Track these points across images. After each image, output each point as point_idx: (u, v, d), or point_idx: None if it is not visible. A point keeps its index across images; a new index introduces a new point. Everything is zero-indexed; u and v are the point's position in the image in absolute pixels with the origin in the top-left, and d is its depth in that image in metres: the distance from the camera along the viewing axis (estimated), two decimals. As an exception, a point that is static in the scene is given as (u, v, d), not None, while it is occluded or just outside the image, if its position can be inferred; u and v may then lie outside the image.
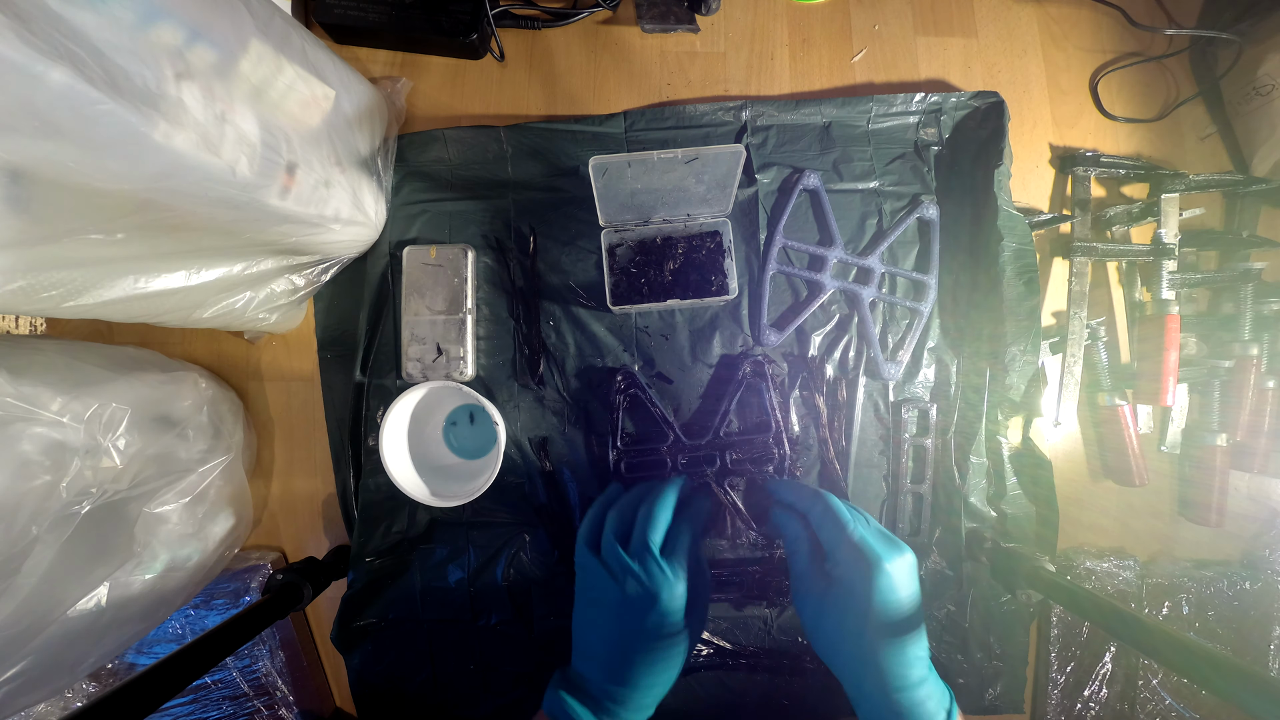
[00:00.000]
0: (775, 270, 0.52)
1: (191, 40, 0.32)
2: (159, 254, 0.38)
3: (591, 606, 0.39)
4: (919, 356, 0.52)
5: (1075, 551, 0.53)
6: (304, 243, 0.43)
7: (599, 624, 0.38)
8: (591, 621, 0.39)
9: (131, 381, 0.43)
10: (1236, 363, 0.52)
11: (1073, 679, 0.52)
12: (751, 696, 0.50)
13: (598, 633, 0.38)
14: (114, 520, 0.40)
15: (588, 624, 0.39)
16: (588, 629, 0.39)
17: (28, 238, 0.30)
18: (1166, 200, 0.53)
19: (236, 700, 0.50)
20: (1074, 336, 0.52)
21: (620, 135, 0.54)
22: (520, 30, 0.57)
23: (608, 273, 0.50)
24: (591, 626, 0.38)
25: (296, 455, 0.54)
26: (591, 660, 0.38)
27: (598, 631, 0.38)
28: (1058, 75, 0.58)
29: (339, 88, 0.44)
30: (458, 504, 0.46)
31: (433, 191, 0.53)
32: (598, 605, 0.38)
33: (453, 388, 0.46)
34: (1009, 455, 0.52)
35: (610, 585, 0.37)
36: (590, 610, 0.39)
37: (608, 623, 0.37)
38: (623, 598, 0.37)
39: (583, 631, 0.39)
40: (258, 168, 0.35)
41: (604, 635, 0.38)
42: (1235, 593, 0.52)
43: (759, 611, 0.50)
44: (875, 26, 0.58)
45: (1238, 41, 0.53)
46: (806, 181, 0.53)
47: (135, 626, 0.43)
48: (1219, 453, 0.52)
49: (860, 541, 0.36)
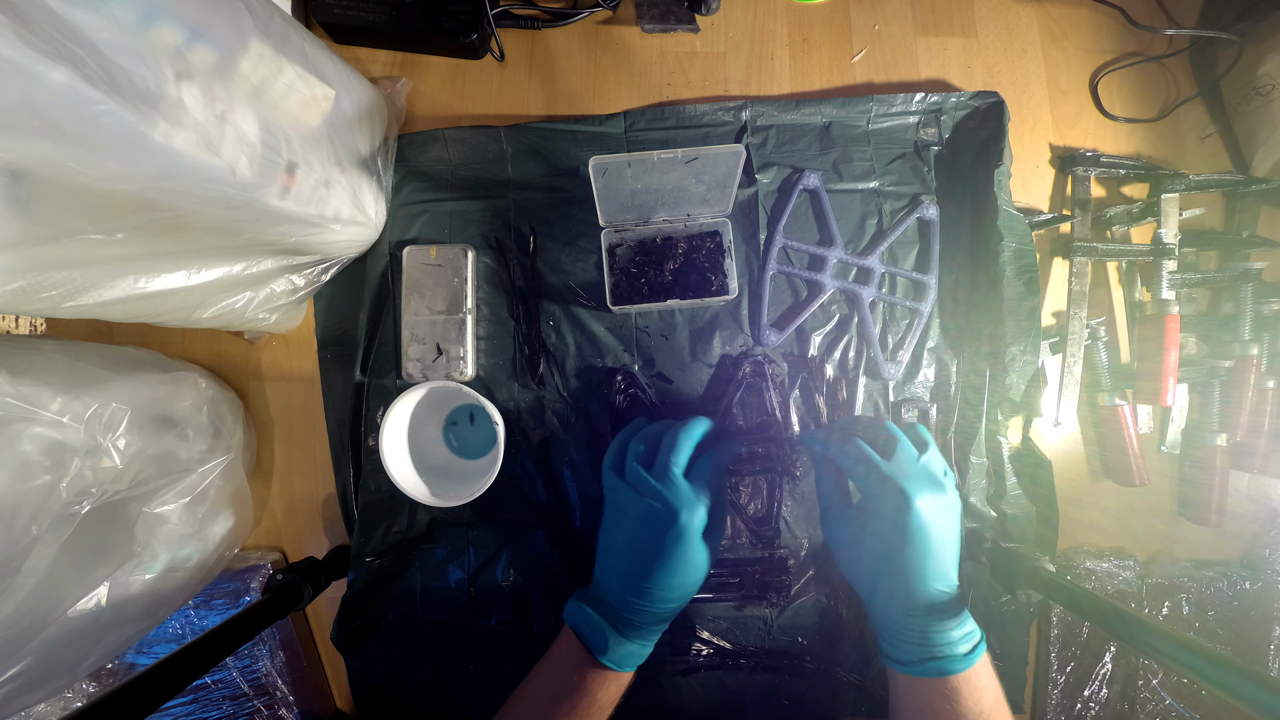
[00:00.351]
0: (775, 270, 0.52)
1: (191, 40, 0.32)
2: (159, 254, 0.38)
3: (615, 523, 0.41)
4: (919, 356, 0.52)
5: (1075, 551, 0.53)
6: (304, 243, 0.43)
7: (621, 537, 0.40)
8: (614, 535, 0.41)
9: (131, 381, 0.43)
10: (1236, 363, 0.52)
11: (1073, 679, 0.52)
12: (751, 696, 0.50)
13: (619, 544, 0.40)
14: (114, 520, 0.40)
15: (611, 537, 0.41)
16: (610, 541, 0.41)
17: (28, 238, 0.30)
18: (1166, 200, 0.53)
19: (236, 700, 0.50)
20: (1074, 336, 0.52)
21: (620, 135, 0.54)
22: (520, 30, 0.57)
23: (608, 273, 0.50)
24: (614, 539, 0.40)
25: (296, 455, 0.54)
26: (612, 572, 0.40)
27: (619, 543, 0.40)
28: (1058, 75, 0.58)
29: (339, 88, 0.44)
30: (458, 504, 0.46)
31: (433, 191, 0.53)
32: (621, 521, 0.40)
33: (453, 388, 0.46)
34: (1009, 455, 0.52)
35: (634, 501, 0.39)
36: (614, 526, 0.41)
37: (630, 535, 0.39)
38: (644, 514, 0.39)
39: (606, 544, 0.41)
40: (258, 168, 0.35)
41: (625, 547, 0.39)
42: (1235, 593, 0.52)
43: (759, 611, 0.50)
44: (875, 26, 0.58)
45: (1238, 41, 0.53)
46: (806, 181, 0.53)
47: (135, 626, 0.43)
48: (1219, 453, 0.52)
49: (889, 478, 0.37)
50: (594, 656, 0.37)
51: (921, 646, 0.36)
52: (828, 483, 0.43)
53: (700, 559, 0.39)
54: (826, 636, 0.50)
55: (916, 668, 0.36)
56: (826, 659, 0.50)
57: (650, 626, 0.39)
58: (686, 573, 0.38)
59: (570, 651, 0.38)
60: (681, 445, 0.40)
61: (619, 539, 0.40)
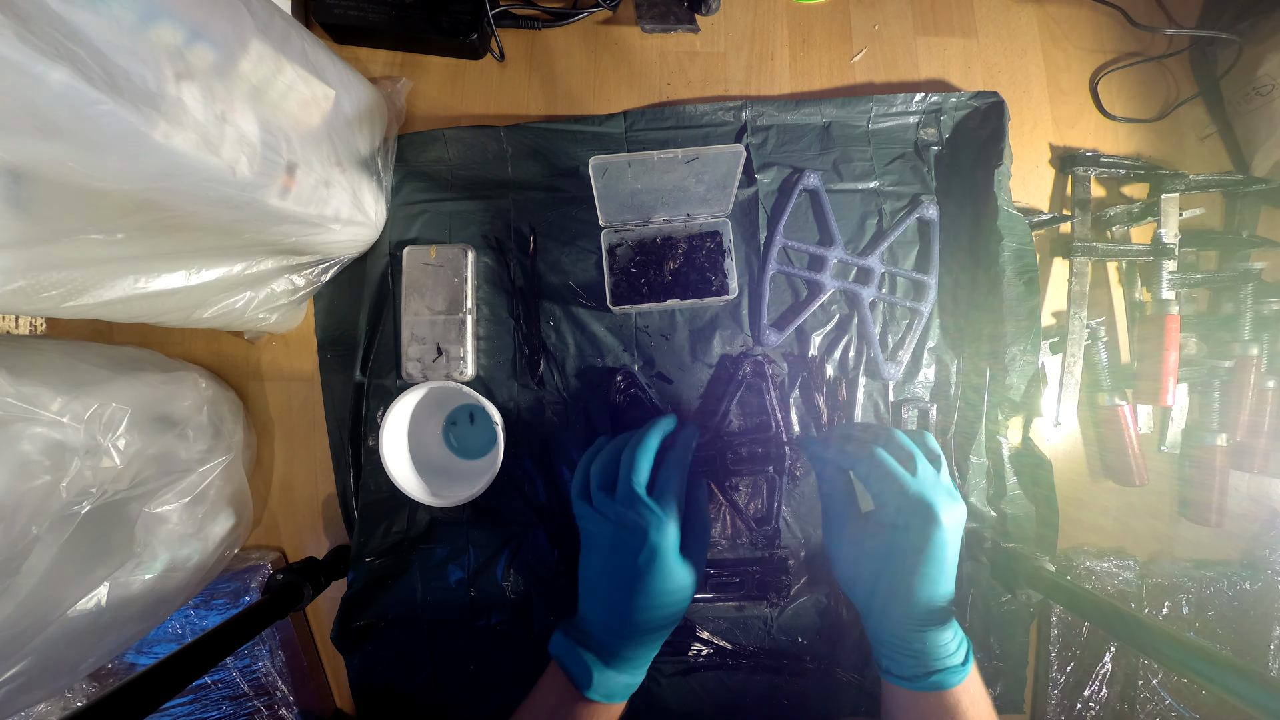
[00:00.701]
0: (775, 270, 0.52)
1: (191, 40, 0.32)
2: (159, 254, 0.38)
3: (589, 551, 0.40)
4: (919, 356, 0.52)
5: (1075, 551, 0.53)
6: (304, 243, 0.43)
7: (596, 565, 0.39)
8: (590, 564, 0.40)
9: (131, 381, 0.43)
10: (1236, 363, 0.52)
11: (1073, 679, 0.52)
12: (751, 696, 0.50)
13: (595, 574, 0.39)
14: (114, 520, 0.40)
15: (587, 567, 0.40)
16: (588, 572, 0.40)
17: (28, 238, 0.30)
18: (1166, 200, 0.53)
19: (236, 700, 0.50)
20: (1074, 336, 0.52)
21: (620, 135, 0.54)
22: (520, 30, 0.57)
23: (608, 273, 0.50)
24: (590, 568, 0.40)
25: (296, 455, 0.54)
26: (593, 604, 0.39)
27: (595, 572, 0.39)
28: (1058, 75, 0.58)
29: (339, 88, 0.44)
30: (458, 504, 0.46)
31: (433, 191, 0.53)
32: (594, 549, 0.40)
33: (453, 388, 0.46)
34: (1009, 455, 0.52)
35: (602, 528, 0.39)
36: (588, 555, 0.40)
37: (604, 564, 0.39)
38: (614, 539, 0.38)
39: (584, 575, 0.41)
40: (258, 168, 0.35)
41: (601, 576, 0.39)
42: (1235, 593, 0.52)
43: (759, 611, 0.50)
44: (875, 26, 0.58)
45: (1238, 41, 0.53)
46: (806, 181, 0.53)
47: (135, 626, 0.43)
48: (1219, 453, 0.52)
49: (918, 495, 0.37)
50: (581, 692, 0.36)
51: (919, 660, 0.36)
52: (834, 491, 0.42)
53: (681, 576, 0.38)
54: (826, 636, 0.50)
55: (918, 683, 0.35)
56: (826, 659, 0.50)
57: (638, 656, 0.38)
58: (667, 594, 0.37)
59: (557, 688, 0.37)
60: (640, 462, 0.39)
61: (594, 568, 0.39)
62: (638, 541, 0.37)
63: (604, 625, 0.38)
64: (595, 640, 0.38)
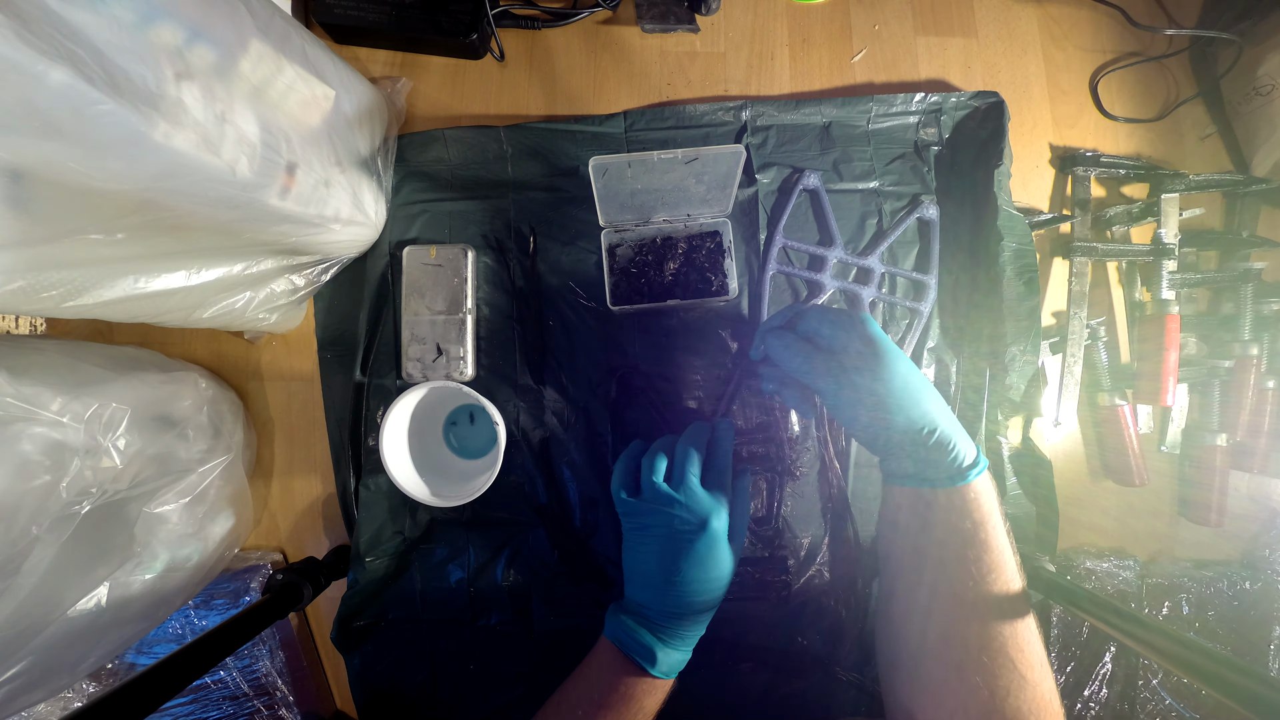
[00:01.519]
0: (775, 270, 0.52)
1: (191, 40, 0.32)
2: (159, 254, 0.38)
3: (641, 540, 0.41)
4: (919, 356, 0.52)
5: (1075, 551, 0.53)
6: (304, 243, 0.43)
7: (651, 552, 0.41)
8: (642, 552, 0.41)
9: (131, 381, 0.43)
10: (1236, 363, 0.52)
11: (1073, 679, 0.52)
12: (751, 696, 0.50)
13: (650, 560, 0.41)
14: (114, 520, 0.40)
15: (638, 555, 0.41)
16: (638, 559, 0.41)
17: (28, 238, 0.30)
18: (1166, 200, 0.53)
19: (236, 700, 0.50)
20: (1074, 336, 0.52)
21: (620, 135, 0.54)
22: (520, 30, 0.57)
23: (608, 273, 0.50)
24: (643, 555, 0.41)
25: (296, 455, 0.54)
26: (646, 587, 0.40)
27: (650, 559, 0.41)
28: (1058, 75, 0.58)
29: (339, 88, 0.44)
30: (458, 504, 0.46)
31: (433, 191, 0.53)
32: (646, 538, 0.41)
33: (453, 388, 0.46)
34: (1009, 455, 0.52)
35: (659, 516, 0.40)
36: (639, 544, 0.41)
37: (660, 549, 0.40)
38: (671, 527, 0.40)
39: (634, 563, 0.42)
40: (258, 168, 0.35)
41: (657, 561, 0.40)
42: (1235, 593, 0.52)
43: (759, 611, 0.50)
44: (875, 26, 0.58)
45: (1238, 41, 0.53)
46: (806, 181, 0.53)
47: (135, 626, 0.43)
48: (1219, 453, 0.52)
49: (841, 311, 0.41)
50: (641, 667, 0.38)
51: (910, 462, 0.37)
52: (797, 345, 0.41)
53: (730, 560, 0.40)
54: (826, 636, 0.50)
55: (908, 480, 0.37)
56: (826, 659, 0.50)
57: (691, 632, 0.40)
58: (720, 577, 0.40)
59: (613, 664, 0.39)
60: (693, 457, 0.42)
61: (649, 555, 0.41)
62: (697, 529, 0.39)
63: (660, 608, 0.40)
64: (652, 622, 0.40)
